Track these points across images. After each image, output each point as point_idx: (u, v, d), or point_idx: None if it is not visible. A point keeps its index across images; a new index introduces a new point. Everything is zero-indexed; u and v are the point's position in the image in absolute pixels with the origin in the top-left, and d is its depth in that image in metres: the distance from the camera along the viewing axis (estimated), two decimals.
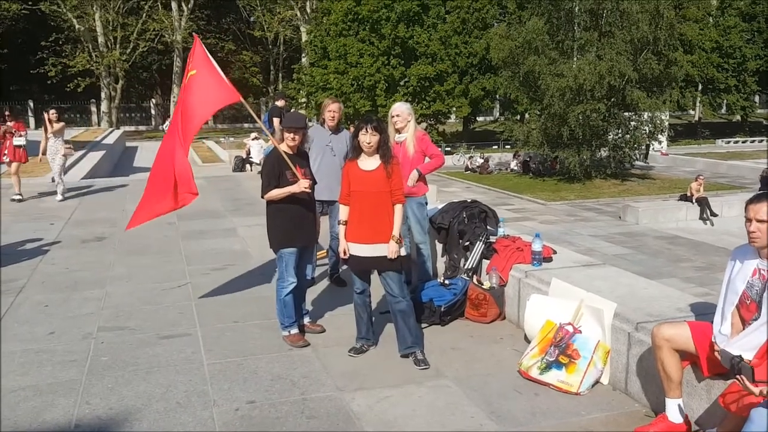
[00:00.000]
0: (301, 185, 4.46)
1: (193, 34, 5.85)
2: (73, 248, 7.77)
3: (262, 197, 4.57)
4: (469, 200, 6.14)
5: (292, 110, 17.76)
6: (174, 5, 40.62)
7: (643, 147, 26.56)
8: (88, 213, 10.11)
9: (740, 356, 2.69)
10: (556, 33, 23.35)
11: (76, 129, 33.30)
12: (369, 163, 4.27)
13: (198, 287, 6.08)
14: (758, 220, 2.99)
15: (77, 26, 38.59)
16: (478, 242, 5.41)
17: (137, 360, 4.40)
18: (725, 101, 40.71)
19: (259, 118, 16.58)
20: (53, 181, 11.64)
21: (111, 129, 34.33)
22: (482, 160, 26.64)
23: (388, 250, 4.22)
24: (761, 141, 35.69)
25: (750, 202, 3.07)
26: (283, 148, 4.57)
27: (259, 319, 5.16)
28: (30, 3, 37.24)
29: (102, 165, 19.63)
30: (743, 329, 3.10)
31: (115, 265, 6.93)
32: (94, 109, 43.98)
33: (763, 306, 2.99)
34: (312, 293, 5.63)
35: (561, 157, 23.34)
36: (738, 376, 2.68)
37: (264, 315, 5.19)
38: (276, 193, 4.51)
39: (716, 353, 3.07)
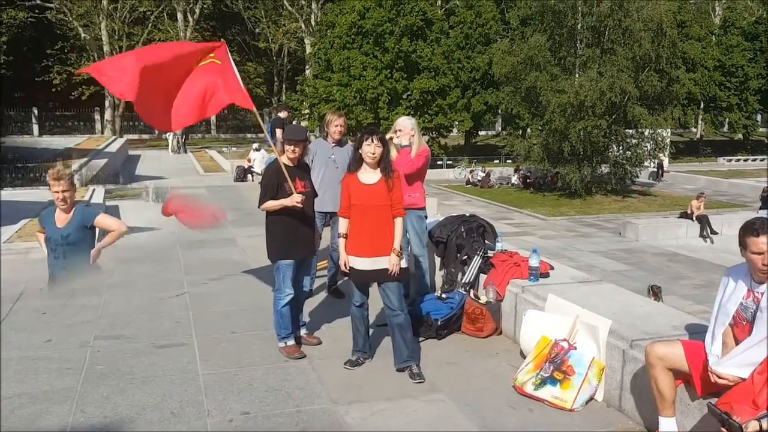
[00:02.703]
0: (294, 199, 4.48)
1: (221, 40, 5.68)
2: None
3: (259, 207, 4.61)
4: (467, 214, 6.15)
5: (294, 122, 17.83)
6: (180, 16, 40.92)
7: (655, 166, 26.64)
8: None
9: (728, 414, 2.69)
10: (559, 49, 23.52)
11: (80, 137, 33.44)
12: (370, 176, 4.29)
13: (195, 297, 6.08)
14: None
15: (83, 35, 38.87)
16: (476, 257, 5.42)
17: (133, 369, 4.41)
18: (727, 119, 40.86)
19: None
20: None
21: (114, 137, 34.44)
22: (483, 174, 26.75)
23: (389, 263, 4.24)
24: (762, 160, 35.77)
25: (757, 234, 2.93)
26: (283, 160, 4.60)
27: (256, 330, 5.16)
28: (36, 11, 37.56)
29: (104, 173, 19.70)
30: None
31: (113, 274, 6.93)
32: (98, 117, 44.17)
33: (755, 327, 3.00)
34: (310, 304, 5.64)
35: (562, 173, 23.42)
36: (723, 429, 2.68)
37: (261, 326, 5.18)
38: (271, 204, 4.54)
39: (710, 373, 3.08)
